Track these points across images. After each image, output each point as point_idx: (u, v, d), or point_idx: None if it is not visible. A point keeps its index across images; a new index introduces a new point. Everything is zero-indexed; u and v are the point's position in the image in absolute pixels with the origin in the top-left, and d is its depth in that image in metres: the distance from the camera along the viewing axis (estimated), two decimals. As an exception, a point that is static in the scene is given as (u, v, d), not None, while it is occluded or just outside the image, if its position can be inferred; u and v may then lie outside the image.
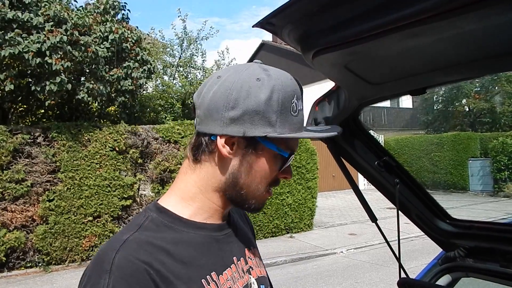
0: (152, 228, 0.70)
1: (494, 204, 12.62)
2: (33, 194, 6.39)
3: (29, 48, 5.99)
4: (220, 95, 0.70)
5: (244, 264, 0.80)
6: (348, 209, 12.05)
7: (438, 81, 1.04)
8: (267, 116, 0.69)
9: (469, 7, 0.60)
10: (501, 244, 1.32)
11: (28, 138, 6.41)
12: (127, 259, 0.62)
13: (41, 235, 6.33)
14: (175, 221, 0.73)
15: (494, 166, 14.40)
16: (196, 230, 0.74)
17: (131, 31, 7.84)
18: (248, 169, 0.73)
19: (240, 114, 0.69)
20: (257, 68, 0.73)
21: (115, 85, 7.44)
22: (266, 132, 0.70)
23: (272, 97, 0.69)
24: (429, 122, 20.53)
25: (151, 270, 0.63)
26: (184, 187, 0.77)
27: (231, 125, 0.70)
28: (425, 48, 0.81)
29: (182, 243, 0.70)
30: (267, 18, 0.79)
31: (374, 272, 6.19)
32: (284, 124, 0.71)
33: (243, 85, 0.70)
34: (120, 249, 0.64)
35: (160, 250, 0.67)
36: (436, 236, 1.49)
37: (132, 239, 0.66)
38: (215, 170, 0.75)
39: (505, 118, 17.73)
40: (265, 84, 0.70)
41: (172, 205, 0.75)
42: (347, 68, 0.94)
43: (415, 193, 1.42)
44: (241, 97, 0.69)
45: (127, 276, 0.61)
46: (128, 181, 7.10)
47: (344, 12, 0.73)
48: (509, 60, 0.85)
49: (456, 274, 1.48)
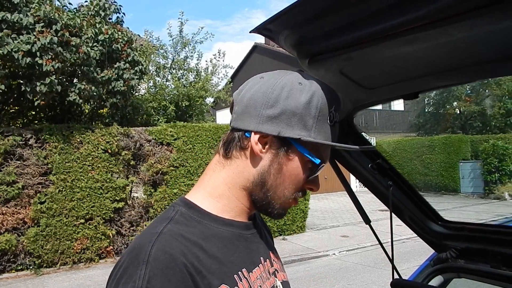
0: (183, 222, 0.69)
1: (485, 206, 12.78)
2: (24, 197, 6.32)
3: (19, 48, 5.93)
4: (261, 93, 0.71)
5: (270, 266, 0.80)
6: (340, 211, 12.10)
7: (431, 86, 1.07)
8: (304, 119, 0.70)
9: (461, 16, 0.62)
10: (491, 245, 1.35)
11: (19, 140, 6.34)
12: (164, 251, 0.62)
13: (32, 238, 6.26)
14: (204, 216, 0.72)
15: (484, 168, 14.61)
16: (224, 226, 0.73)
17: (122, 32, 7.80)
18: (277, 170, 0.72)
19: (278, 113, 0.69)
20: (299, 74, 0.75)
21: (106, 87, 7.40)
22: (301, 135, 0.70)
23: (312, 101, 0.70)
24: (421, 124, 20.75)
25: (187, 262, 0.62)
26: (212, 183, 0.76)
27: (267, 123, 0.70)
28: (418, 54, 0.84)
29: (212, 238, 0.70)
30: (264, 24, 0.81)
31: (366, 274, 6.23)
32: (319, 131, 0.71)
33: (284, 86, 0.71)
34: (156, 241, 0.63)
35: (193, 243, 0.66)
36: (428, 237, 1.51)
37: (166, 231, 0.66)
38: (245, 167, 0.74)
39: (495, 120, 17.97)
40: (307, 88, 0.71)
41: (200, 200, 0.74)
42: (342, 73, 0.96)
43: (408, 195, 1.44)
44: (281, 96, 0.70)
45: (164, 267, 0.60)
46: (120, 183, 7.06)
47: (340, 19, 0.74)
48: (500, 66, 0.88)
49: (448, 275, 1.50)
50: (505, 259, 1.29)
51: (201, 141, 7.89)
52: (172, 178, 7.54)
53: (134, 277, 0.59)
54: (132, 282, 0.58)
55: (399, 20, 0.67)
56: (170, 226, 0.67)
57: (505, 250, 1.30)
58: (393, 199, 1.41)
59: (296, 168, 0.73)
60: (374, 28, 0.72)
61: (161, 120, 10.21)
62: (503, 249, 1.30)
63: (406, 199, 1.45)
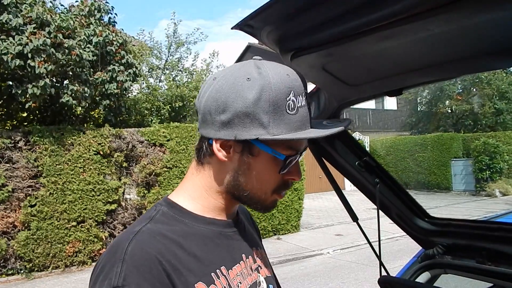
0: (163, 221, 0.71)
1: (476, 203, 12.91)
2: (14, 200, 6.23)
3: (8, 50, 5.86)
4: (212, 99, 0.69)
5: (252, 262, 0.81)
6: (334, 210, 12.14)
7: (414, 82, 1.07)
8: (258, 117, 0.66)
9: (436, 11, 0.62)
10: (476, 241, 1.36)
11: (8, 142, 6.25)
12: (140, 248, 0.63)
13: (23, 242, 6.18)
14: (185, 215, 0.73)
15: (476, 166, 14.76)
16: (205, 225, 0.74)
17: (116, 34, 7.75)
18: (247, 172, 0.72)
19: (230, 117, 0.67)
20: (250, 67, 0.70)
21: (99, 89, 7.34)
22: (258, 135, 0.67)
23: (261, 97, 0.66)
24: (413, 123, 20.88)
25: (163, 260, 0.63)
26: (191, 186, 0.77)
27: (223, 129, 0.69)
28: (398, 50, 0.84)
29: (192, 237, 0.71)
30: (245, 20, 0.80)
31: (360, 272, 6.25)
32: (279, 124, 0.67)
33: (231, 87, 0.68)
34: (133, 239, 0.64)
35: (172, 241, 0.67)
36: (415, 234, 1.52)
37: (145, 230, 0.67)
38: (217, 172, 0.75)
39: (486, 119, 18.17)
40: (255, 83, 0.67)
41: (182, 201, 0.75)
42: (325, 69, 0.96)
43: (395, 192, 1.45)
44: (229, 99, 0.67)
45: (140, 265, 0.61)
46: (113, 185, 7.00)
47: (318, 15, 0.74)
48: (481, 61, 0.88)
49: (435, 271, 1.51)
50: (490, 254, 1.30)
51: (195, 141, 7.85)
52: (166, 179, 7.50)
53: (110, 275, 0.60)
54: (108, 279, 0.60)
55: (375, 15, 0.67)
56: (150, 225, 0.69)
57: (489, 246, 1.31)
58: (380, 196, 1.41)
59: (264, 166, 0.71)
60: (351, 24, 0.72)
61: (154, 121, 10.17)
62: (487, 244, 1.31)
63: (393, 196, 1.45)
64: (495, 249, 1.30)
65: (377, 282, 1.43)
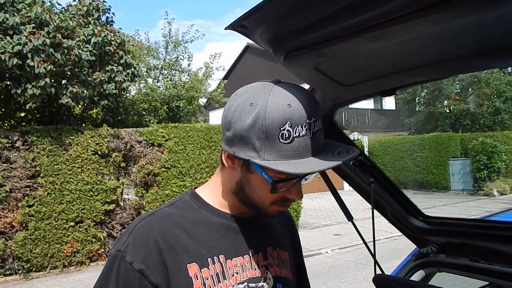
0: (181, 207, 0.83)
1: (474, 203, 12.95)
2: (12, 200, 6.22)
3: (5, 49, 5.85)
4: (225, 114, 0.78)
5: (261, 259, 0.85)
6: (333, 210, 12.15)
7: (407, 82, 1.08)
8: (251, 141, 0.72)
9: (425, 11, 0.63)
10: (470, 239, 1.37)
11: (6, 142, 6.24)
12: (144, 226, 0.77)
13: (20, 242, 6.18)
14: (202, 205, 0.84)
15: (474, 165, 14.81)
16: (218, 216, 0.83)
17: (114, 34, 7.73)
18: (246, 183, 0.79)
19: (231, 135, 0.75)
20: (260, 91, 0.74)
21: (97, 89, 7.34)
22: (250, 156, 0.73)
23: (256, 123, 0.71)
24: (412, 123, 20.91)
25: (161, 239, 0.75)
26: (214, 183, 0.88)
27: (227, 143, 0.77)
28: (390, 50, 0.84)
29: (201, 224, 0.81)
30: (238, 20, 0.81)
31: (358, 271, 6.27)
32: (270, 151, 0.71)
33: (237, 109, 0.74)
34: (145, 218, 0.79)
35: (178, 225, 0.79)
36: (409, 233, 1.53)
37: (159, 212, 0.81)
38: (229, 176, 0.83)
39: (484, 119, 18.20)
40: (254, 110, 0.71)
41: (204, 194, 0.87)
42: (318, 69, 0.97)
43: (389, 191, 1.46)
44: (233, 120, 0.74)
45: (139, 239, 0.75)
46: (111, 185, 7.00)
47: (310, 15, 0.75)
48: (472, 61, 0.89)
49: (429, 270, 1.52)
50: (483, 253, 1.31)
51: (193, 141, 7.85)
52: (164, 179, 7.50)
53: (120, 241, 0.77)
54: (118, 244, 0.77)
55: (366, 16, 0.68)
56: (167, 209, 0.82)
57: (483, 244, 1.32)
58: (375, 195, 1.42)
59: (259, 183, 0.77)
60: (342, 24, 0.72)
61: (152, 121, 10.16)
62: (481, 243, 1.32)
63: (387, 195, 1.46)
64: (488, 247, 1.31)
65: (372, 280, 1.44)
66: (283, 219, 1.01)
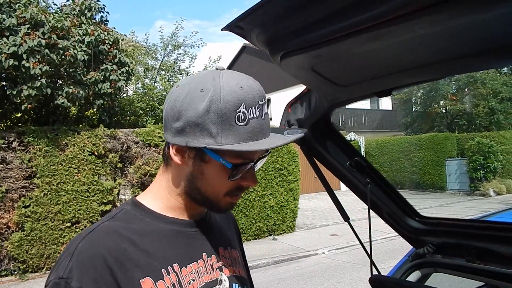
0: (124, 219, 0.76)
1: (471, 203, 13.00)
2: (8, 201, 6.19)
3: (1, 50, 5.83)
4: (170, 106, 0.74)
5: (215, 261, 0.82)
6: (330, 211, 12.17)
7: (403, 82, 1.08)
8: (207, 127, 0.70)
9: (420, 13, 0.63)
10: (466, 240, 1.37)
11: (2, 143, 6.21)
12: (88, 245, 0.69)
13: (16, 243, 6.14)
14: (147, 214, 0.78)
15: (470, 165, 14.86)
16: (166, 223, 0.78)
17: (108, 32, 7.71)
18: (201, 175, 0.76)
19: (182, 125, 0.71)
20: (208, 77, 0.72)
21: (93, 89, 7.31)
22: (206, 143, 0.70)
23: (211, 108, 0.69)
24: (408, 123, 20.96)
25: (109, 257, 0.68)
26: (157, 187, 0.82)
27: (177, 136, 0.73)
28: (386, 50, 0.85)
29: (149, 234, 0.75)
30: (235, 22, 0.81)
31: (355, 272, 6.28)
32: (227, 134, 0.70)
33: (186, 97, 0.72)
34: (86, 237, 0.70)
35: (125, 239, 0.72)
36: (406, 233, 1.53)
37: (101, 227, 0.73)
38: (177, 174, 0.79)
39: (480, 119, 18.26)
40: (206, 95, 0.70)
41: (147, 201, 0.80)
42: (314, 70, 0.97)
43: (386, 192, 1.46)
44: (183, 109, 0.71)
45: (84, 260, 0.67)
46: (108, 186, 6.97)
47: (307, 16, 0.75)
48: (467, 62, 0.89)
49: (425, 270, 1.52)
50: (479, 253, 1.31)
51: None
52: (160, 180, 7.47)
53: (60, 267, 0.67)
54: (57, 271, 0.67)
55: (362, 17, 0.68)
56: (108, 222, 0.74)
57: (479, 244, 1.32)
58: (371, 196, 1.42)
59: (215, 172, 0.75)
60: (338, 25, 0.72)
61: (149, 121, 10.13)
62: (477, 243, 1.33)
63: (384, 196, 1.46)
64: (484, 247, 1.32)
65: (368, 281, 1.44)
66: (227, 217, 0.99)
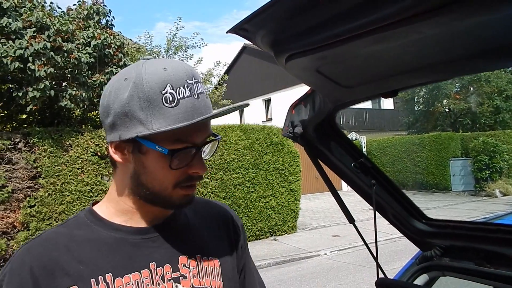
0: (71, 226, 0.75)
1: (476, 204, 12.89)
2: (14, 201, 6.25)
3: (7, 53, 5.89)
4: (101, 104, 0.73)
5: (169, 271, 0.75)
6: (331, 211, 12.14)
7: (409, 83, 1.07)
8: (135, 115, 0.67)
9: (427, 14, 0.62)
10: (475, 242, 1.35)
11: (8, 143, 6.28)
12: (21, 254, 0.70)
13: (22, 242, 6.18)
14: (96, 221, 0.76)
15: (475, 165, 14.67)
16: (111, 231, 0.75)
17: (114, 36, 7.78)
18: (142, 170, 0.72)
19: (113, 119, 0.69)
20: (132, 67, 0.71)
21: (97, 91, 7.38)
22: (137, 132, 0.67)
23: (135, 93, 0.67)
24: (411, 123, 20.80)
25: (36, 266, 0.68)
26: (109, 194, 0.80)
27: (111, 132, 0.71)
28: (392, 52, 0.84)
29: (89, 242, 0.73)
30: (240, 24, 0.80)
31: (357, 273, 6.25)
32: (158, 118, 0.66)
33: (111, 89, 0.70)
34: (27, 244, 0.72)
35: (60, 246, 0.71)
36: (412, 235, 1.52)
37: (45, 235, 0.74)
38: (122, 175, 0.76)
39: (485, 118, 18.07)
40: (129, 82, 0.68)
41: (100, 206, 0.79)
42: (319, 72, 0.96)
43: (391, 193, 1.44)
44: (110, 102, 0.69)
45: (14, 268, 0.69)
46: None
47: (311, 18, 0.74)
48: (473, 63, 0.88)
49: (433, 274, 1.51)
50: (488, 256, 1.30)
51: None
52: (164, 180, 7.50)
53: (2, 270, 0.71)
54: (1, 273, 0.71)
55: (368, 19, 0.67)
56: (56, 229, 0.75)
57: (488, 247, 1.30)
58: (376, 197, 1.41)
59: (156, 162, 0.70)
60: (344, 27, 0.71)
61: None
62: (485, 246, 1.31)
63: (389, 197, 1.45)
64: (493, 251, 1.30)
65: (374, 284, 1.43)
66: (218, 222, 0.89)
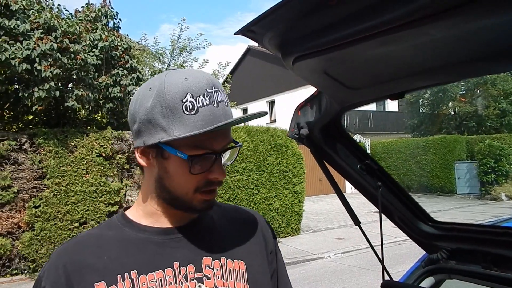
0: (103, 228, 0.81)
1: (482, 207, 12.81)
2: (19, 201, 6.30)
3: (15, 54, 5.95)
4: (128, 112, 0.78)
5: (192, 271, 0.78)
6: (335, 213, 12.10)
7: (416, 86, 1.06)
8: (158, 122, 0.72)
9: (437, 16, 0.62)
10: (481, 245, 1.34)
11: (14, 144, 6.33)
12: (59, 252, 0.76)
13: (27, 242, 6.23)
14: (126, 223, 0.81)
15: (480, 169, 14.59)
16: (138, 231, 0.80)
17: (121, 39, 7.84)
18: (165, 175, 0.76)
19: (138, 126, 0.75)
20: (156, 77, 0.75)
21: (103, 92, 7.43)
22: (159, 138, 0.72)
23: (157, 102, 0.71)
24: (415, 125, 20.70)
25: (69, 263, 0.74)
26: (139, 197, 0.85)
27: (137, 138, 0.76)
28: (400, 54, 0.83)
29: (118, 242, 0.78)
30: (248, 26, 0.81)
31: (361, 276, 6.22)
32: (179, 126, 0.71)
33: (137, 99, 0.75)
34: (64, 244, 0.78)
35: (91, 246, 0.76)
36: (418, 238, 1.51)
37: (82, 235, 0.80)
38: (148, 179, 0.81)
39: (490, 121, 17.94)
40: (153, 91, 0.72)
41: (130, 210, 0.85)
42: (327, 73, 0.96)
43: (397, 196, 1.44)
44: (135, 110, 0.75)
45: (52, 265, 0.75)
46: (115, 187, 7.03)
47: (321, 20, 0.74)
48: (482, 65, 0.88)
49: (439, 276, 1.50)
50: (495, 260, 1.29)
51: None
52: (168, 181, 7.52)
53: (44, 267, 0.77)
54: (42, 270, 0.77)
55: (377, 21, 0.67)
56: (91, 230, 0.82)
57: (495, 250, 1.29)
58: (382, 200, 1.40)
59: (177, 167, 0.74)
60: (352, 29, 0.71)
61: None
62: (492, 249, 1.30)
63: (395, 200, 1.44)
64: (501, 254, 1.29)
65: (380, 286, 1.42)
66: (247, 226, 0.91)
